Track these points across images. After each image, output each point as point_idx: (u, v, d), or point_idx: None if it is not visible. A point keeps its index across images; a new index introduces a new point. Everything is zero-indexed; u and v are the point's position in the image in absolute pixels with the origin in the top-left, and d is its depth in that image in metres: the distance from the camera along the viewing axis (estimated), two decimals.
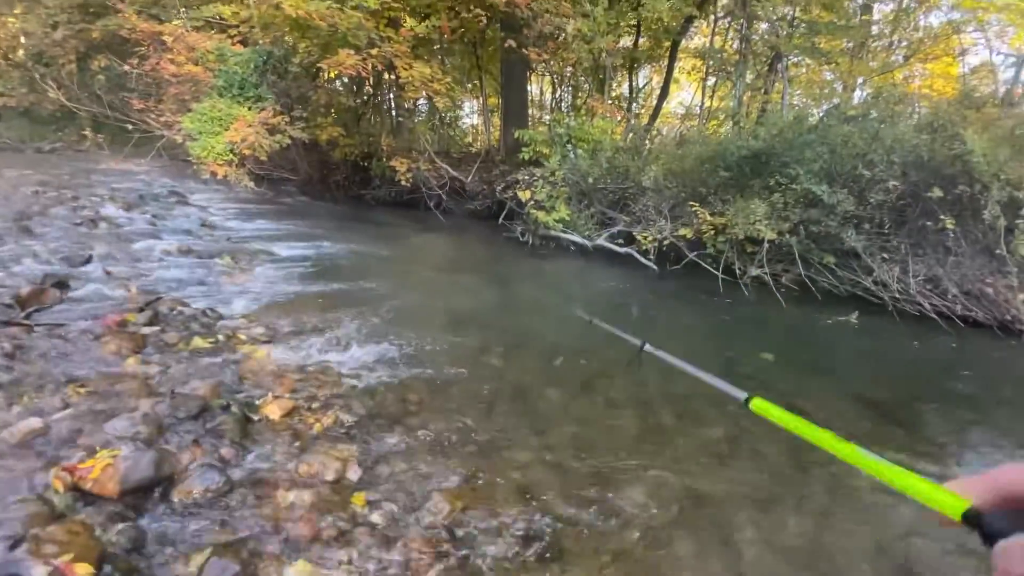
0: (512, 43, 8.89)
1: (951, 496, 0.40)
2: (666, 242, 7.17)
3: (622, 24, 11.88)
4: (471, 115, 18.91)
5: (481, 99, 14.38)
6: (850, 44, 12.52)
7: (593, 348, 4.37)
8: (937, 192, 5.53)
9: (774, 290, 6.25)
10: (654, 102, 14.91)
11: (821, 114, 8.32)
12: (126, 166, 10.95)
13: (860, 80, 12.45)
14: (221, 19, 8.83)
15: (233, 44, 8.49)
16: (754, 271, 6.50)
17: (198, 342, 3.18)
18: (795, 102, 13.44)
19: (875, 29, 13.01)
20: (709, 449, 3.03)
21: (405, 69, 8.42)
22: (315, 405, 2.88)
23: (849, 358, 4.88)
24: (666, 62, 13.69)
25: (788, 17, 11.15)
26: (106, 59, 11.83)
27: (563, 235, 7.93)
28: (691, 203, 7.04)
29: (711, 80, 14.27)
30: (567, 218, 7.86)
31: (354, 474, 2.33)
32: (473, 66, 13.23)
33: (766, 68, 12.76)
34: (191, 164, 8.43)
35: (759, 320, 5.82)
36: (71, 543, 1.71)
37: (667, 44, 13.34)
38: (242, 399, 2.68)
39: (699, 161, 7.43)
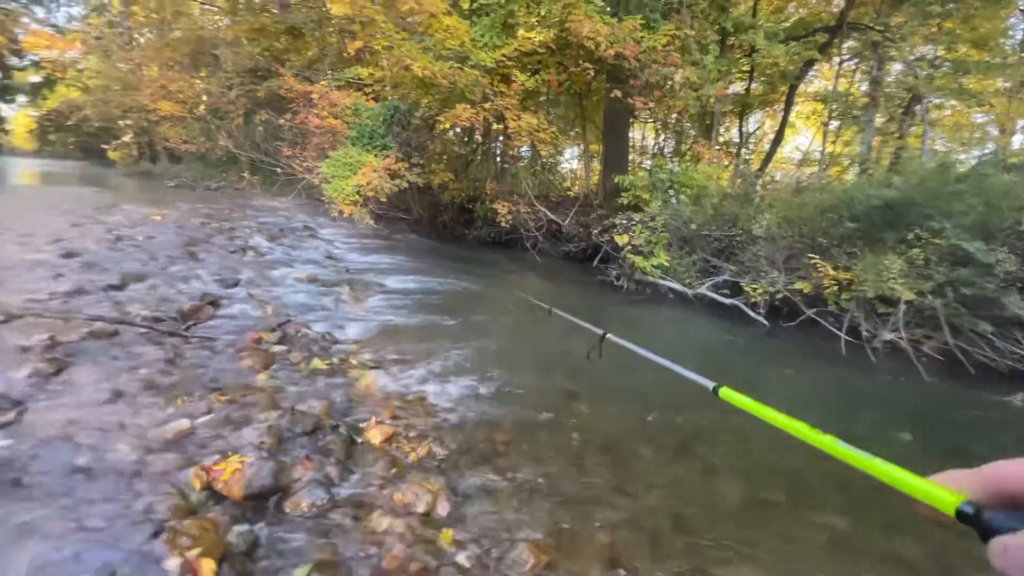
0: (617, 93, 9.08)
1: (942, 491, 0.39)
2: (779, 295, 6.62)
3: (733, 71, 11.64)
4: (571, 160, 19.38)
5: (583, 146, 14.72)
6: (1007, 84, 11.05)
7: (691, 405, 4.10)
8: None
9: (913, 358, 5.43)
10: (766, 147, 14.22)
11: (973, 161, 7.32)
12: (272, 203, 12.74)
13: (1021, 123, 10.85)
14: (359, 79, 10.12)
15: (367, 100, 9.66)
16: (887, 335, 5.72)
17: (316, 363, 3.51)
18: (937, 147, 12.04)
19: None
20: (825, 536, 2.64)
21: (514, 120, 8.93)
22: (412, 434, 3.00)
23: (1012, 446, 4.04)
24: (781, 106, 13.07)
25: (929, 57, 10.16)
26: (266, 113, 14.10)
27: (661, 281, 7.67)
28: (809, 255, 6.47)
29: (833, 124, 13.31)
30: (666, 264, 7.61)
31: (443, 509, 2.37)
32: (577, 115, 13.67)
33: (900, 111, 11.65)
34: (323, 203, 9.57)
35: (893, 392, 5.07)
36: (201, 538, 1.91)
37: (783, 88, 12.77)
38: (349, 421, 2.88)
39: (820, 210, 6.85)
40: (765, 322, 6.62)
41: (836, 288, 6.14)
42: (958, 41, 9.95)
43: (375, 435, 2.79)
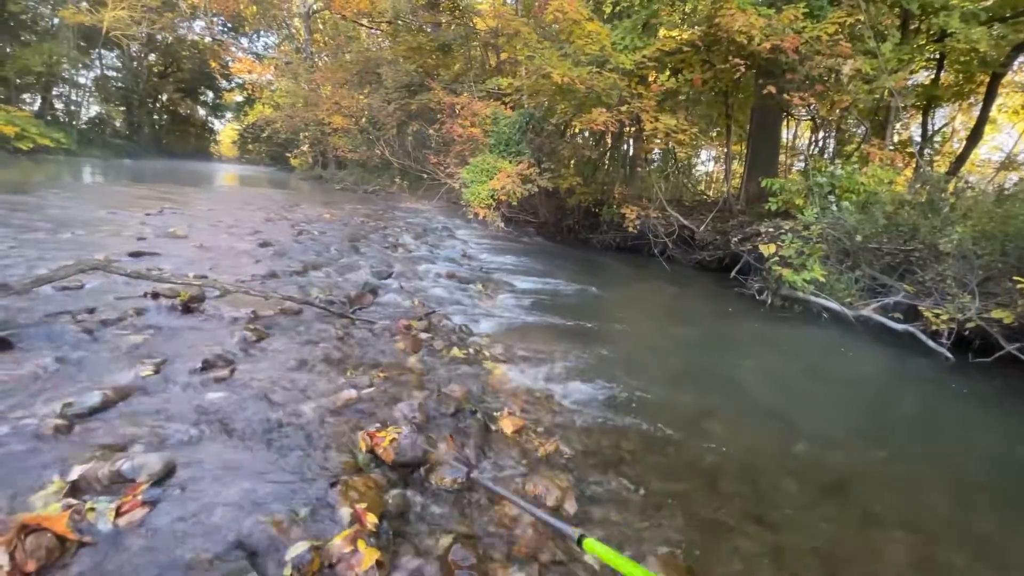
0: (771, 89, 8.31)
1: None
2: (969, 325, 5.51)
3: (917, 59, 9.92)
4: (706, 163, 18.23)
5: (724, 147, 13.74)
6: None
7: (846, 441, 3.63)
8: None
9: None
10: (955, 147, 11.90)
11: None
12: (417, 206, 14.06)
13: None
14: (499, 89, 10.68)
15: (505, 109, 10.16)
16: None
17: (456, 352, 3.81)
18: None
19: None
20: None
21: (651, 122, 8.69)
22: (539, 429, 3.11)
23: None
24: (979, 99, 10.84)
25: None
26: (417, 124, 15.61)
27: (814, 299, 6.84)
28: (1015, 278, 5.28)
29: None
30: (821, 279, 6.77)
31: (571, 507, 2.42)
32: (720, 114, 12.81)
33: None
34: (460, 206, 10.29)
35: None
36: (366, 494, 2.19)
37: (983, 77, 10.57)
38: (485, 408, 3.08)
39: None
40: (949, 355, 5.55)
41: None
42: None
43: (507, 425, 2.94)
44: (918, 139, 12.39)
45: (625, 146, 13.66)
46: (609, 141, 13.66)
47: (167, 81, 37.54)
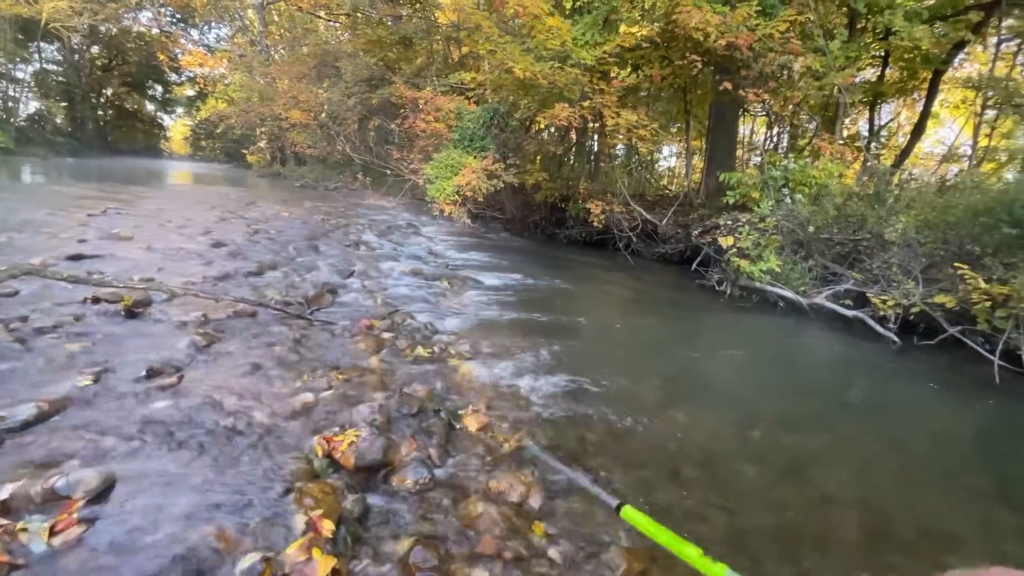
0: (727, 85, 8.54)
1: None
2: (914, 309, 5.82)
3: (864, 57, 10.39)
4: (668, 158, 18.61)
5: (684, 142, 14.05)
6: None
7: (802, 424, 3.77)
8: None
9: None
10: (901, 141, 12.54)
11: None
12: (380, 202, 13.79)
13: None
14: (462, 84, 10.57)
15: (469, 104, 10.06)
16: None
17: (420, 351, 3.74)
18: None
19: None
20: None
21: (612, 117, 8.78)
22: (504, 425, 3.09)
23: None
24: (922, 95, 11.45)
25: None
26: (379, 119, 15.28)
27: (770, 288, 7.08)
28: (956, 264, 5.61)
29: (988, 114, 11.37)
30: (777, 270, 7.01)
31: (536, 502, 2.41)
32: (679, 110, 13.09)
33: None
34: (426, 203, 10.15)
35: None
36: (322, 501, 2.12)
37: (925, 74, 11.17)
38: (449, 407, 3.04)
39: (971, 212, 5.91)
40: (896, 339, 5.85)
41: (988, 304, 5.25)
42: None
43: (472, 422, 2.91)
44: (866, 133, 13.01)
45: (590, 142, 13.78)
46: (574, 136, 13.75)
47: (112, 75, 35.53)
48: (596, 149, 13.60)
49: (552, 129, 12.62)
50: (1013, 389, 4.78)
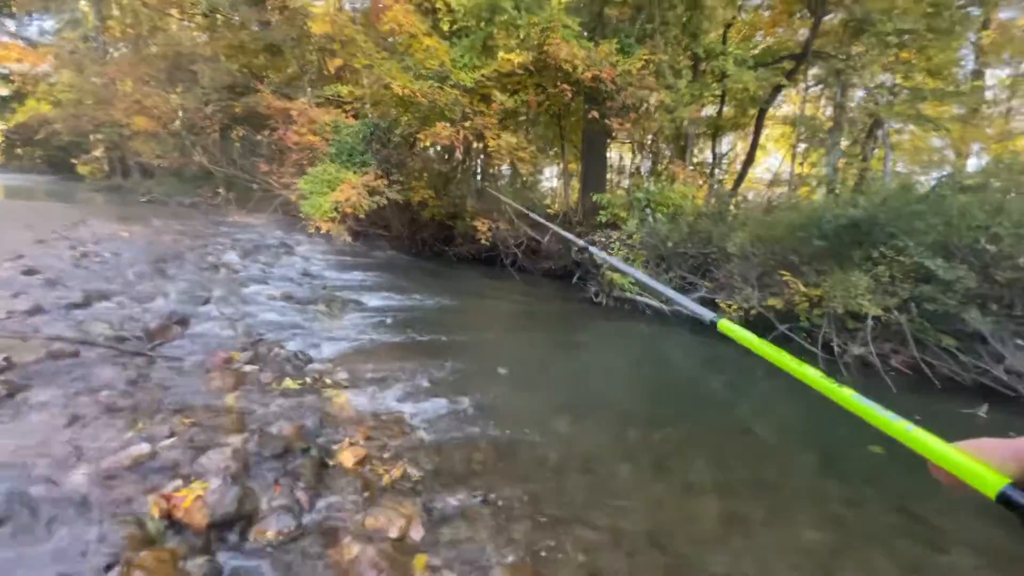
0: (595, 114, 9.27)
1: (985, 469, 0.36)
2: (753, 311, 6.75)
3: (706, 95, 12.03)
4: (550, 179, 19.67)
5: (562, 165, 14.94)
6: (961, 110, 11.70)
7: (668, 421, 4.12)
8: None
9: (882, 372, 5.58)
10: (738, 168, 14.66)
11: (932, 183, 7.68)
12: (247, 220, 12.53)
13: (976, 147, 11.47)
14: (339, 97, 10.12)
15: (347, 118, 9.65)
16: (856, 350, 5.87)
17: (288, 383, 3.41)
18: (899, 169, 12.62)
19: (989, 95, 12.08)
20: (802, 552, 2.65)
21: (493, 139, 9.02)
22: (386, 455, 2.93)
23: None
24: (752, 129, 13.54)
25: (888, 84, 10.70)
26: (243, 130, 13.95)
27: (638, 298, 7.75)
28: (781, 272, 6.64)
29: (801, 147, 13.85)
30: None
31: (417, 533, 2.30)
32: (556, 135, 13.90)
33: (863, 135, 12.18)
34: (300, 220, 9.45)
35: None
36: (156, 571, 1.81)
37: (753, 112, 13.25)
38: (321, 443, 2.79)
39: (790, 228, 7.06)
40: None
41: (807, 304, 6.29)
42: (915, 70, 10.50)
43: (348, 457, 2.71)
44: (711, 161, 15.01)
45: (475, 161, 14.01)
46: (460, 156, 13.89)
47: None
48: (482, 169, 13.87)
49: (438, 147, 12.62)
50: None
